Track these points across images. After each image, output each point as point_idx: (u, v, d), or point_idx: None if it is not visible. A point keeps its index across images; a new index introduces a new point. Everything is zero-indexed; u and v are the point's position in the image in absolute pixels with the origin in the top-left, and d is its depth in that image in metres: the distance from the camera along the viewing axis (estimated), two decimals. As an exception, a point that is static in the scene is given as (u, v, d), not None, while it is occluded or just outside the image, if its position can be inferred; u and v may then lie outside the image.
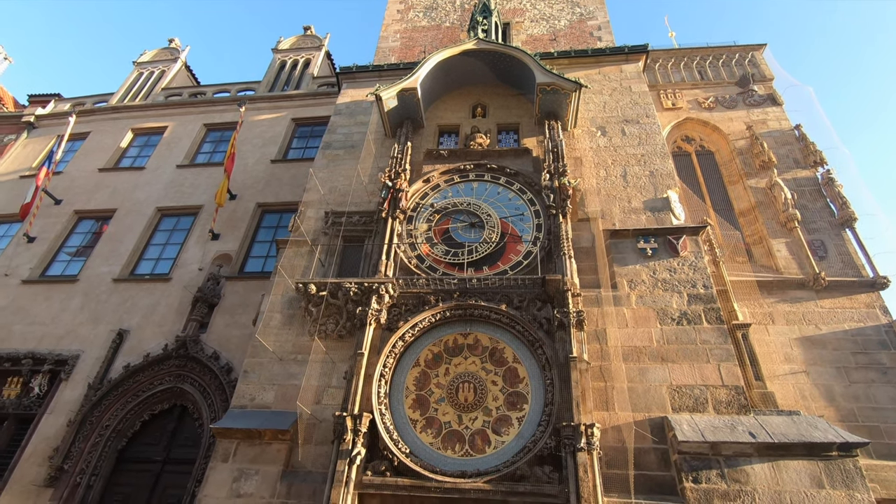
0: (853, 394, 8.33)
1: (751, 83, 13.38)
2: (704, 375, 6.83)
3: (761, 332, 8.97)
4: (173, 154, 15.06)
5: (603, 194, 9.35)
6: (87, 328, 11.05)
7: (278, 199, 13.17)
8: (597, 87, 11.41)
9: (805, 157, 11.68)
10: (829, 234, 10.36)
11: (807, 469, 5.74)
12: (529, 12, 14.75)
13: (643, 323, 7.46)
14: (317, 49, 18.17)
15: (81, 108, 17.28)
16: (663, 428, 6.39)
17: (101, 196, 14.20)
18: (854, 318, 9.12)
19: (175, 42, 19.89)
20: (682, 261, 8.09)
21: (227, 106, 16.19)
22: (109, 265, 12.27)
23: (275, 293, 8.60)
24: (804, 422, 6.31)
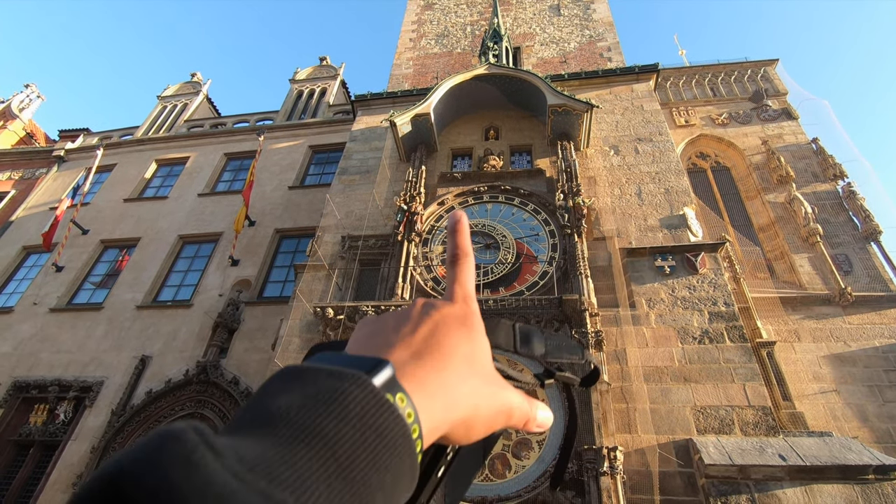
0: (888, 413, 8.00)
1: (764, 98, 13.32)
2: (729, 396, 6.65)
3: (787, 349, 8.72)
4: (195, 183, 15.51)
5: (618, 213, 9.32)
6: (111, 355, 11.26)
7: (296, 224, 13.41)
8: (608, 107, 11.48)
9: (824, 170, 11.51)
10: (853, 248, 10.11)
11: (842, 493, 5.51)
12: (539, 36, 15.01)
13: (664, 342, 7.33)
14: (332, 78, 18.69)
15: (108, 141, 17.97)
16: (688, 450, 6.22)
17: (125, 225, 14.64)
18: (885, 335, 8.81)
19: (197, 76, 20.67)
20: (701, 278, 7.97)
21: (246, 135, 16.68)
22: (133, 292, 12.56)
23: (293, 317, 8.70)
24: (837, 443, 6.09)
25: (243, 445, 0.25)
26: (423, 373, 0.36)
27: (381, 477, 0.27)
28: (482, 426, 0.39)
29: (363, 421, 0.28)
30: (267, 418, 0.27)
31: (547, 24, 15.31)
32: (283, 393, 0.29)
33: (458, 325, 0.42)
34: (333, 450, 0.26)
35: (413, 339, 0.39)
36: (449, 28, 16.14)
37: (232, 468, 0.23)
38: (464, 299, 0.46)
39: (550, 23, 15.29)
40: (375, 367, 0.33)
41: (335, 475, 0.25)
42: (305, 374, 0.31)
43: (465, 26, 16.05)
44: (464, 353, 0.40)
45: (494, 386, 0.41)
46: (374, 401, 0.30)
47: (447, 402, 0.36)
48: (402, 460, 0.29)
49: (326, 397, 0.29)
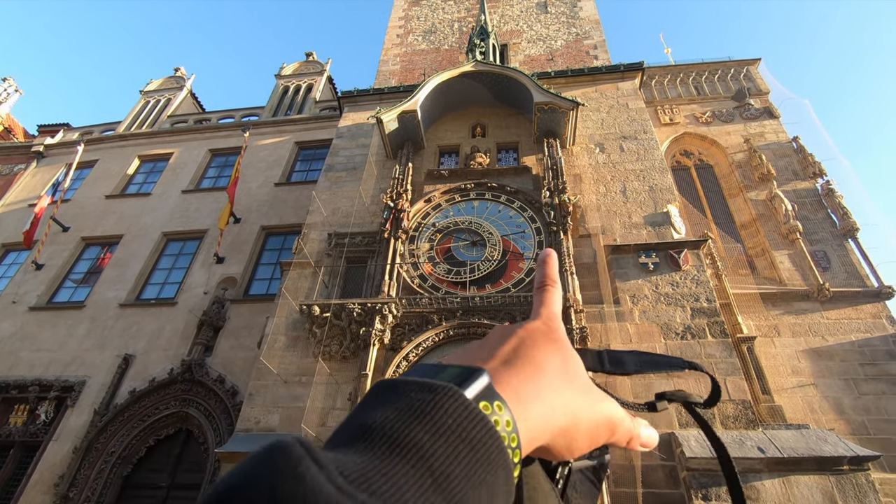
0: (863, 406, 8.23)
1: (747, 97, 13.52)
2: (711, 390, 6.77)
3: (767, 344, 8.91)
4: (179, 179, 15.31)
5: (603, 210, 9.42)
6: (94, 354, 11.10)
7: (282, 221, 13.32)
8: (594, 105, 11.57)
9: (804, 168, 11.74)
10: (831, 245, 10.35)
11: (818, 484, 5.67)
12: (526, 33, 15.05)
13: (647, 338, 7.45)
14: (319, 74, 18.54)
15: (89, 136, 17.64)
16: (671, 444, 6.34)
17: (108, 222, 14.41)
18: (861, 329, 9.05)
19: (181, 71, 20.36)
20: (684, 275, 8.10)
21: (231, 131, 16.49)
22: (116, 290, 12.39)
23: (279, 315, 8.66)
24: (814, 435, 6.25)
25: (344, 459, 0.26)
26: (518, 381, 0.36)
27: (477, 491, 0.27)
28: (584, 438, 0.39)
29: (456, 433, 0.28)
30: (363, 432, 0.28)
31: (534, 21, 15.36)
32: (378, 407, 0.30)
33: (545, 338, 0.42)
34: (429, 463, 0.27)
35: (502, 350, 0.40)
36: (436, 24, 16.11)
37: (335, 480, 0.24)
38: (549, 318, 0.46)
39: (537, 20, 15.33)
40: (471, 375, 0.33)
41: (431, 488, 0.26)
42: (398, 387, 0.31)
43: (453, 23, 16.03)
44: (555, 365, 0.40)
45: (593, 397, 0.41)
46: (466, 413, 0.30)
47: (544, 410, 0.36)
48: (496, 474, 0.29)
49: (419, 410, 0.29)
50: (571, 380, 0.40)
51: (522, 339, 0.41)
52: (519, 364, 0.38)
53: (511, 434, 0.32)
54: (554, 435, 0.37)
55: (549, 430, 0.36)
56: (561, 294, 0.51)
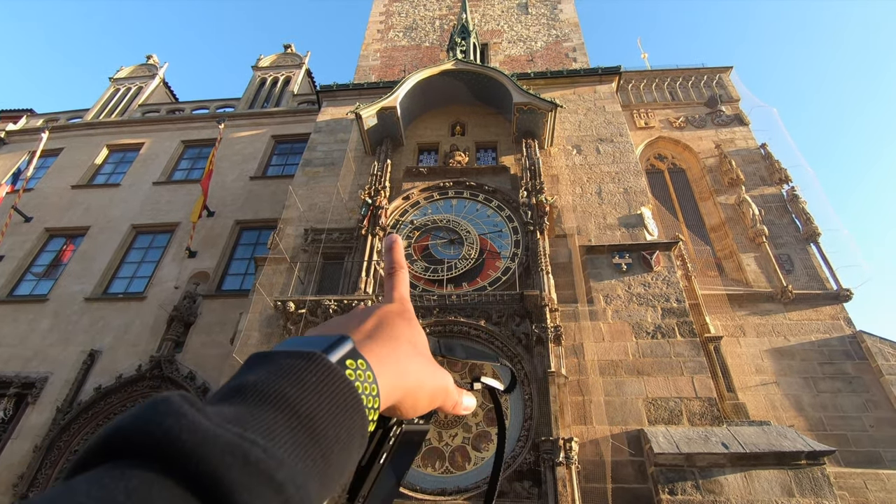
0: (821, 403, 8.60)
1: (719, 104, 13.92)
2: (679, 388, 6.99)
3: (733, 344, 9.22)
4: (150, 171, 14.89)
5: (579, 211, 9.58)
6: (57, 349, 10.73)
7: (257, 216, 13.10)
8: (572, 107, 11.73)
9: (771, 174, 12.16)
10: (794, 249, 10.76)
11: (777, 478, 5.91)
12: (507, 34, 15.14)
13: (619, 337, 7.62)
14: (297, 67, 18.27)
15: (55, 123, 16.98)
16: (640, 440, 6.51)
17: (73, 213, 13.92)
18: (820, 330, 9.45)
19: (153, 58, 19.77)
20: (655, 275, 8.31)
21: (205, 123, 16.11)
22: (81, 284, 11.98)
23: (253, 311, 8.53)
24: (774, 431, 6.50)
25: (219, 408, 0.30)
26: (378, 348, 0.43)
27: (337, 431, 0.33)
28: (426, 400, 0.47)
29: (319, 387, 0.34)
30: (237, 390, 0.33)
31: (515, 22, 15.46)
32: (250, 372, 0.35)
33: (400, 317, 0.50)
34: (296, 409, 0.32)
35: (364, 326, 0.47)
36: (417, 21, 16.05)
37: (213, 420, 0.28)
38: (401, 300, 0.55)
39: (518, 21, 15.44)
40: (338, 341, 0.40)
41: (298, 428, 0.31)
42: (268, 356, 0.36)
43: (434, 20, 16.00)
44: (408, 338, 0.48)
45: (435, 367, 0.49)
46: (328, 370, 0.35)
47: (399, 372, 0.43)
48: (353, 417, 0.35)
49: (287, 371, 0.34)
50: (420, 352, 0.48)
51: (381, 317, 0.49)
52: (379, 336, 0.45)
53: (372, 385, 0.39)
54: (404, 394, 0.43)
55: (401, 389, 0.43)
56: (408, 276, 0.59)
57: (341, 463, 0.33)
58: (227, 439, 0.27)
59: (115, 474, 0.25)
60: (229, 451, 0.26)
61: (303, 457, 0.30)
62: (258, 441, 0.28)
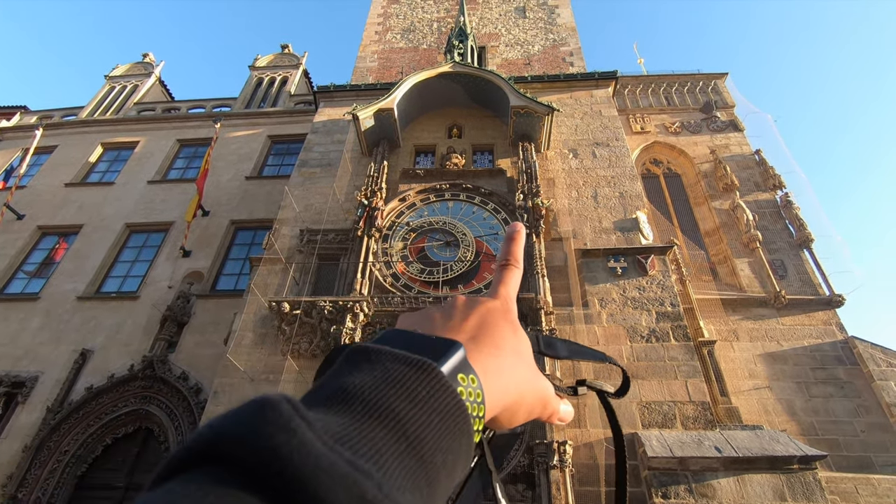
0: (813, 408, 8.66)
1: (714, 109, 14.02)
2: (673, 392, 7.02)
3: (726, 348, 9.27)
4: (144, 169, 14.80)
5: (575, 214, 9.61)
6: (48, 348, 10.63)
7: (252, 216, 13.06)
8: (569, 111, 11.78)
9: (765, 180, 12.25)
10: (788, 255, 10.84)
11: (770, 482, 5.93)
12: (504, 37, 15.19)
13: (614, 340, 7.64)
14: (294, 67, 18.24)
15: (49, 121, 16.86)
16: (633, 444, 6.52)
17: (67, 211, 13.81)
18: (812, 335, 9.51)
19: (149, 57, 19.68)
20: (650, 280, 8.34)
21: (201, 122, 16.04)
22: (74, 283, 11.89)
23: (247, 312, 8.49)
24: (767, 436, 6.54)
25: (326, 419, 0.27)
26: (483, 357, 0.40)
27: (444, 456, 0.30)
28: (524, 412, 0.43)
29: (429, 404, 0.31)
30: (342, 395, 0.30)
31: (512, 25, 15.52)
32: (355, 373, 0.32)
33: (503, 318, 0.46)
34: (404, 429, 0.29)
35: (467, 325, 0.43)
36: (415, 23, 16.08)
37: (322, 438, 0.25)
38: (507, 298, 0.50)
39: (516, 24, 15.50)
40: (449, 349, 0.36)
41: (406, 452, 0.28)
42: (374, 355, 0.33)
43: (432, 22, 16.04)
44: (512, 344, 0.44)
45: (536, 375, 0.45)
46: (439, 386, 0.32)
47: (503, 386, 0.39)
48: (461, 440, 0.32)
49: (396, 381, 0.31)
50: (523, 359, 0.44)
51: (484, 316, 0.45)
52: (483, 341, 0.42)
53: (479, 405, 0.35)
54: (504, 408, 0.40)
55: (502, 404, 0.39)
56: (520, 275, 0.54)
57: (445, 491, 0.30)
58: (341, 470, 0.24)
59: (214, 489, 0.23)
60: (343, 485, 0.24)
61: (412, 488, 0.27)
62: (372, 474, 0.25)
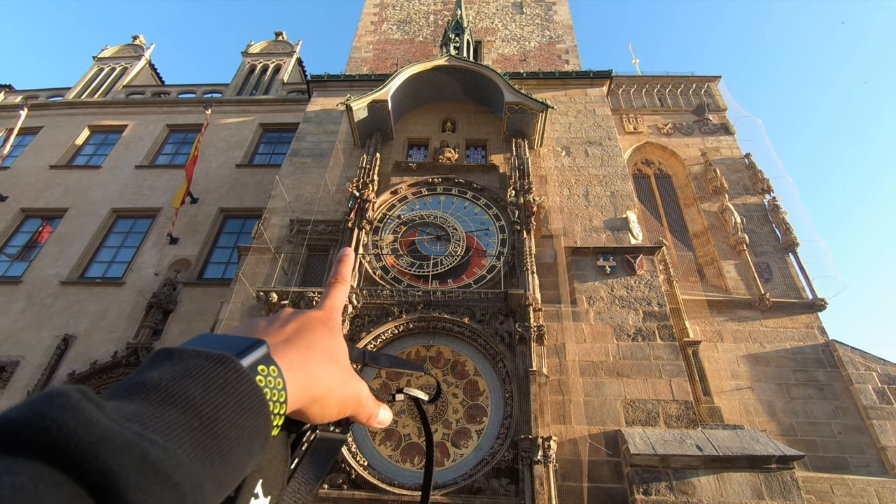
0: (793, 409, 8.82)
1: (706, 112, 14.12)
2: (657, 390, 7.10)
3: (710, 349, 9.39)
4: (132, 154, 14.57)
5: (566, 212, 9.64)
6: (30, 333, 10.46)
7: (242, 204, 12.92)
8: (563, 109, 11.79)
9: (754, 184, 12.38)
10: (773, 258, 10.98)
11: (748, 481, 6.04)
12: (501, 32, 15.14)
13: (600, 338, 7.70)
14: (288, 55, 18.03)
15: (34, 101, 16.49)
16: (617, 441, 6.60)
17: (51, 194, 13.56)
18: (795, 338, 9.67)
19: (139, 39, 19.33)
20: (638, 279, 8.41)
21: (191, 107, 15.81)
22: (57, 267, 11.69)
23: (234, 301, 8.42)
24: (747, 436, 6.65)
25: (119, 404, 0.30)
26: (291, 354, 0.44)
27: (239, 433, 0.33)
28: (335, 406, 0.47)
29: (225, 390, 0.34)
30: (140, 387, 0.32)
31: (509, 21, 15.47)
32: (155, 369, 0.34)
33: (322, 325, 0.51)
34: (198, 410, 0.32)
35: (284, 330, 0.48)
36: (412, 15, 15.96)
37: (111, 417, 0.27)
38: (330, 309, 0.56)
39: (513, 20, 15.45)
40: (252, 345, 0.40)
41: (199, 428, 0.31)
42: (176, 354, 0.36)
43: (428, 15, 15.92)
44: (325, 346, 0.49)
45: (349, 376, 0.50)
46: (236, 374, 0.36)
47: (309, 379, 0.44)
48: (257, 420, 0.35)
49: (195, 372, 0.34)
50: (335, 361, 0.49)
51: (303, 323, 0.50)
52: (295, 342, 0.46)
53: (280, 391, 0.39)
54: (312, 400, 0.44)
55: (310, 395, 0.44)
56: (346, 291, 0.61)
57: (240, 464, 0.33)
58: (126, 437, 0.26)
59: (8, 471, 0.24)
60: (127, 450, 0.26)
61: (201, 456, 0.30)
62: (157, 440, 0.28)
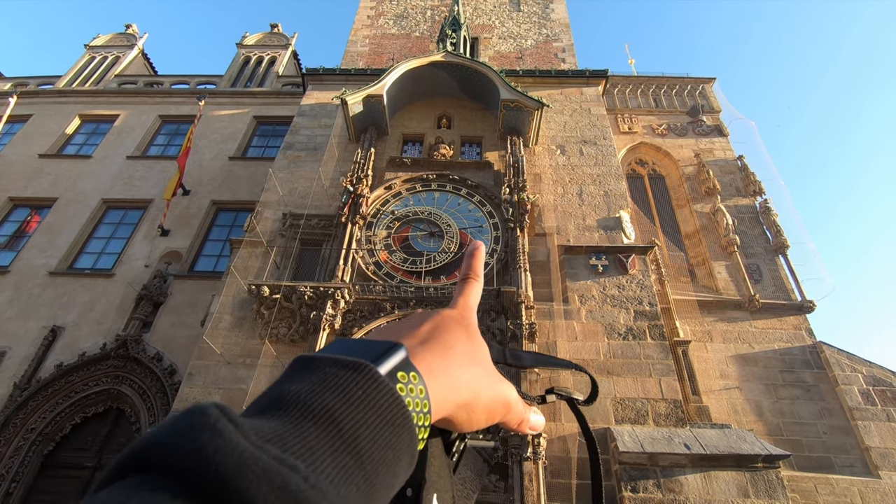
0: (779, 409, 8.92)
1: (700, 114, 14.19)
2: (646, 389, 7.15)
3: (700, 349, 9.47)
4: (124, 144, 14.40)
5: (559, 211, 9.66)
6: (16, 323, 10.33)
7: (235, 197, 12.83)
8: (558, 107, 11.80)
9: (746, 186, 12.48)
10: (764, 259, 11.09)
11: (735, 479, 6.11)
12: (498, 29, 15.11)
13: (592, 337, 7.74)
14: (283, 47, 17.88)
15: (24, 89, 16.23)
16: (606, 439, 6.65)
17: (40, 183, 13.38)
18: (783, 339, 9.78)
19: (132, 28, 19.07)
20: (630, 279, 8.46)
21: (185, 98, 15.64)
22: (45, 257, 11.55)
23: (226, 294, 8.37)
24: (734, 435, 6.72)
25: (258, 422, 0.28)
26: (430, 357, 0.41)
27: (384, 452, 0.31)
28: (483, 413, 0.44)
29: (365, 402, 0.32)
30: (278, 402, 0.30)
31: (506, 18, 15.44)
32: (295, 380, 0.32)
33: (458, 324, 0.47)
34: (339, 427, 0.29)
35: (419, 331, 0.44)
36: (409, 10, 15.88)
37: (250, 438, 0.26)
38: (465, 307, 0.52)
39: (510, 17, 15.42)
40: (389, 350, 0.37)
41: (341, 449, 0.29)
42: (314, 362, 0.34)
43: (425, 10, 15.86)
44: (464, 347, 0.45)
45: (494, 378, 0.46)
46: (375, 384, 0.33)
47: (451, 384, 0.40)
48: (401, 436, 0.32)
49: (332, 383, 0.32)
50: (477, 362, 0.45)
51: (438, 323, 0.46)
52: (433, 343, 0.43)
53: (423, 401, 0.36)
54: (458, 407, 0.41)
55: (454, 402, 0.41)
56: (481, 288, 0.57)
57: (386, 486, 0.31)
58: (265, 464, 0.25)
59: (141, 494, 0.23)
60: (266, 479, 0.25)
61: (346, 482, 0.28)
62: (299, 467, 0.26)
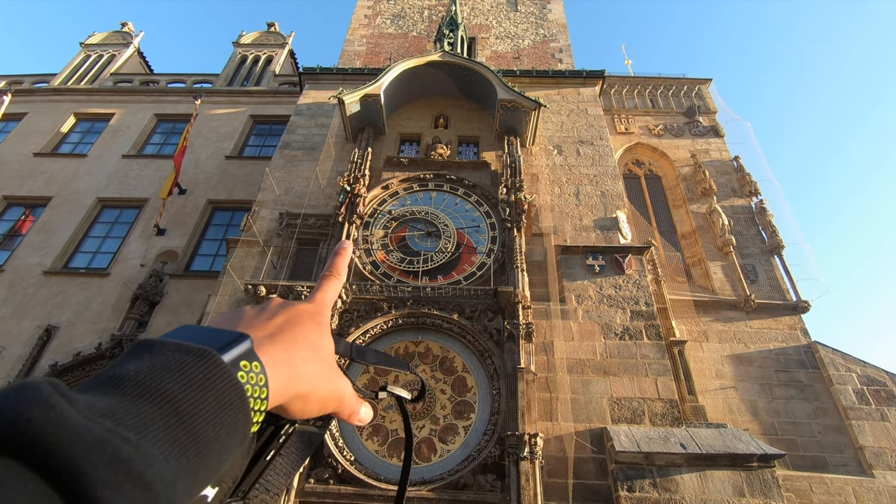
0: (774, 409, 8.97)
1: (696, 114, 14.24)
2: (643, 389, 7.17)
3: (696, 348, 9.51)
4: (119, 143, 14.33)
5: (556, 211, 9.68)
6: (10, 323, 10.27)
7: (231, 196, 12.79)
8: (555, 108, 11.82)
9: (742, 186, 12.53)
10: (759, 260, 11.14)
11: (730, 479, 6.14)
12: (495, 29, 15.12)
13: (588, 337, 7.76)
14: (280, 46, 17.84)
15: (18, 86, 16.14)
16: (602, 438, 6.66)
17: (35, 182, 13.30)
18: (778, 339, 9.83)
19: (128, 26, 18.99)
20: (626, 278, 8.48)
21: (181, 97, 15.58)
22: (40, 256, 11.48)
23: (222, 293, 8.34)
24: (730, 434, 6.75)
25: (93, 399, 0.29)
26: (276, 350, 0.43)
27: (217, 430, 0.33)
28: (317, 404, 0.47)
29: (204, 385, 0.33)
30: (116, 381, 0.31)
31: (503, 18, 15.45)
32: (132, 361, 0.33)
33: (310, 319, 0.50)
34: (176, 406, 0.31)
35: (270, 323, 0.46)
36: (406, 9, 15.87)
37: (83, 412, 0.27)
38: (320, 303, 0.55)
39: (507, 17, 15.43)
40: (235, 340, 0.39)
41: (176, 425, 0.30)
42: (155, 346, 0.35)
43: (423, 10, 15.85)
44: (311, 342, 0.48)
45: (333, 374, 0.49)
46: (217, 369, 0.35)
47: (292, 376, 0.43)
48: (236, 418, 0.35)
49: (174, 367, 0.33)
50: (320, 357, 0.48)
51: (290, 317, 0.49)
52: (281, 337, 0.45)
53: (262, 388, 0.39)
54: (295, 397, 0.44)
55: (292, 392, 0.43)
56: (340, 286, 0.61)
57: (218, 461, 0.33)
58: (97, 434, 0.26)
59: None
60: (97, 447, 0.25)
61: (177, 455, 0.29)
62: (130, 437, 0.27)
